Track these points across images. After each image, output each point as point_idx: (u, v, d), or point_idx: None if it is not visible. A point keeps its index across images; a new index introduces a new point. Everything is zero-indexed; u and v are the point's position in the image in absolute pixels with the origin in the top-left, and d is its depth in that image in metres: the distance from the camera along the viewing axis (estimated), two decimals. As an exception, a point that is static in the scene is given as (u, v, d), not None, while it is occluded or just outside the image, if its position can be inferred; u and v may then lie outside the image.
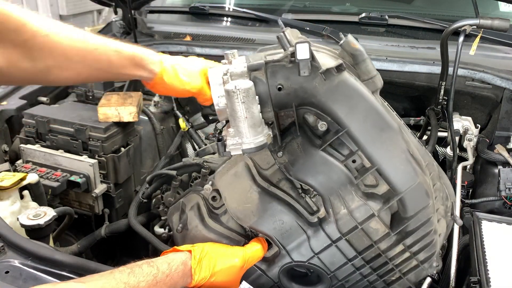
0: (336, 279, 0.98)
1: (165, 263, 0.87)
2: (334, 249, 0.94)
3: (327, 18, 2.03)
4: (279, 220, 0.95)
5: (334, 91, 0.85)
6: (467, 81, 1.53)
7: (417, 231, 0.91)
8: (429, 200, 0.89)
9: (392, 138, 0.86)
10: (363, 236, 0.92)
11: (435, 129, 1.46)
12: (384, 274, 0.97)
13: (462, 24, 1.30)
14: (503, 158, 1.35)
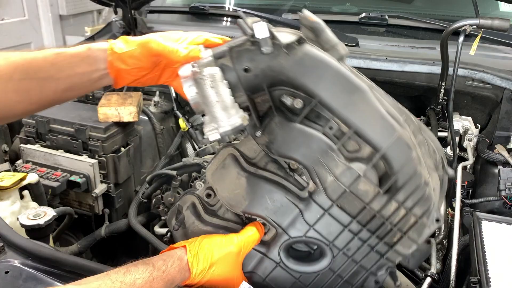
0: (336, 249, 0.97)
1: (160, 260, 0.87)
2: (328, 218, 0.94)
3: (327, 18, 2.02)
4: (270, 199, 0.95)
5: (299, 64, 0.88)
6: (467, 81, 1.53)
7: (407, 185, 0.91)
8: (412, 152, 0.89)
9: (363, 99, 0.88)
10: (354, 199, 0.92)
11: (435, 129, 1.46)
12: (384, 235, 0.96)
13: (462, 24, 1.30)
14: (503, 158, 1.35)
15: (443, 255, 1.36)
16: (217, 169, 1.00)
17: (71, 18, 4.98)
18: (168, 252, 0.91)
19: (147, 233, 1.49)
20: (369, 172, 0.91)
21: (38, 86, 0.88)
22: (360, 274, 1.00)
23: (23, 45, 4.48)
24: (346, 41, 1.80)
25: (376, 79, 1.66)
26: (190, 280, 0.90)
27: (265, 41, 0.86)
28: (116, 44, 0.93)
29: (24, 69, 0.86)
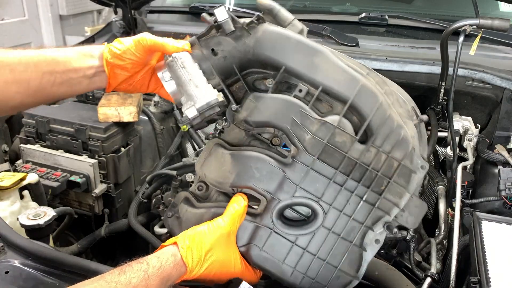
0: (326, 204, 0.99)
1: (154, 258, 0.87)
2: (313, 174, 0.98)
3: (327, 18, 2.03)
4: (255, 169, 0.99)
5: (261, 40, 0.99)
6: (467, 81, 1.53)
7: (381, 129, 0.96)
8: (379, 97, 0.96)
9: (324, 59, 0.97)
10: (334, 152, 0.97)
11: (435, 129, 1.46)
12: (370, 183, 0.98)
13: (462, 24, 1.30)
14: (503, 158, 1.35)
15: (443, 255, 1.36)
16: (205, 160, 1.04)
17: (71, 18, 4.98)
18: (162, 250, 0.92)
19: (147, 233, 1.49)
20: (343, 123, 0.97)
21: (38, 78, 0.93)
22: (356, 230, 1.00)
23: (23, 45, 4.48)
24: (346, 41, 1.80)
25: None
26: (188, 273, 0.90)
27: (226, 23, 1.01)
28: (112, 43, 0.99)
29: (27, 62, 0.92)
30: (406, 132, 0.98)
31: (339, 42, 1.80)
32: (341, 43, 1.80)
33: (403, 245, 1.35)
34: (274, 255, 0.99)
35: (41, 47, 0.96)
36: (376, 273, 1.19)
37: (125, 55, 0.97)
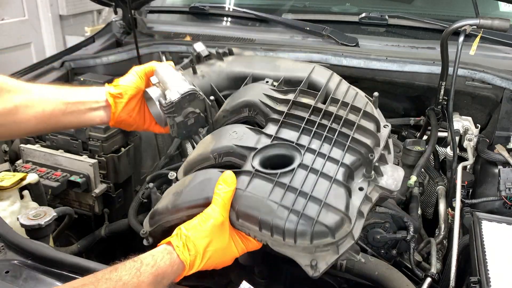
0: (302, 147, 1.02)
1: (149, 256, 0.86)
2: (287, 126, 1.09)
3: (327, 18, 2.03)
4: (233, 132, 1.09)
5: (233, 61, 1.32)
6: (467, 81, 1.53)
7: (338, 90, 1.19)
8: (330, 71, 1.27)
9: (281, 60, 1.35)
10: (301, 106, 1.13)
11: (435, 129, 1.46)
12: (338, 127, 1.06)
13: (462, 24, 1.30)
14: (503, 158, 1.35)
15: (443, 255, 1.36)
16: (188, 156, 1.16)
17: (71, 18, 4.97)
18: (157, 248, 0.91)
19: (147, 233, 1.49)
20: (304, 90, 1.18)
21: (51, 105, 1.10)
22: (335, 168, 0.98)
23: (23, 45, 4.48)
24: (346, 41, 1.80)
25: (376, 79, 1.66)
26: (188, 270, 0.89)
27: (203, 52, 1.30)
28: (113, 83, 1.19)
29: (44, 88, 1.12)
30: (360, 91, 1.20)
31: (339, 42, 1.80)
32: (341, 43, 1.80)
33: (403, 245, 1.35)
34: (257, 193, 0.94)
35: (57, 87, 1.14)
36: (376, 273, 1.19)
37: (121, 83, 1.16)
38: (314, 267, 0.92)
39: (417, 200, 1.46)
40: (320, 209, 0.91)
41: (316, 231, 0.90)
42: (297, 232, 0.90)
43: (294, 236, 0.91)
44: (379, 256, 1.34)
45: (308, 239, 0.90)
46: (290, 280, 1.54)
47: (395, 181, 1.02)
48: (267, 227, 0.93)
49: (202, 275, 1.63)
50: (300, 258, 0.93)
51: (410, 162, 1.32)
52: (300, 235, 0.90)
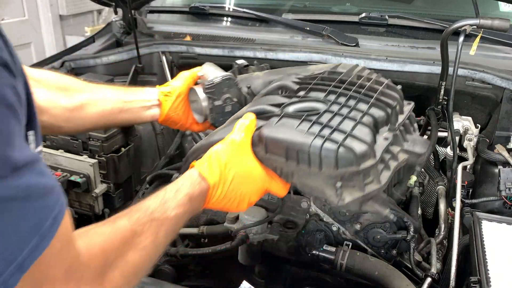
0: (329, 101, 1.07)
1: (172, 184, 0.89)
2: (313, 90, 1.13)
3: (327, 18, 2.03)
4: (266, 100, 1.16)
5: (269, 71, 1.36)
6: (467, 81, 1.53)
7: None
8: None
9: (314, 65, 1.37)
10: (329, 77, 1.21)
11: (435, 129, 1.46)
12: (361, 91, 1.09)
13: (462, 24, 1.30)
14: (503, 158, 1.35)
15: (443, 255, 1.36)
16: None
17: (71, 18, 4.97)
18: (180, 177, 0.93)
19: (147, 233, 1.49)
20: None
21: (111, 102, 1.25)
22: (360, 115, 1.02)
23: (23, 45, 4.48)
24: (346, 41, 1.80)
25: (376, 79, 1.67)
26: (211, 192, 0.91)
27: (242, 63, 1.41)
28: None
29: (105, 87, 1.29)
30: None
31: (339, 42, 1.81)
32: (341, 43, 1.80)
33: (403, 245, 1.35)
34: (285, 125, 0.98)
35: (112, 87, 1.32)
36: (376, 272, 1.19)
37: (171, 84, 1.33)
38: (339, 195, 0.90)
39: (417, 200, 1.46)
40: (345, 136, 0.92)
41: (341, 155, 0.89)
42: (322, 155, 0.89)
43: (319, 161, 0.90)
44: (379, 256, 1.34)
45: (333, 164, 0.89)
46: (290, 280, 1.55)
47: (422, 146, 1.05)
48: (293, 155, 0.93)
49: (202, 275, 1.63)
50: (324, 188, 0.91)
51: (410, 162, 1.32)
52: (325, 158, 0.89)
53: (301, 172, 0.93)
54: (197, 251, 1.42)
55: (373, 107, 1.03)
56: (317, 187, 0.93)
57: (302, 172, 0.93)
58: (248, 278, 1.48)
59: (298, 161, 0.93)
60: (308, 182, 0.94)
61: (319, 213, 1.38)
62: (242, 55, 1.77)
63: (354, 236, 1.36)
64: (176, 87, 1.31)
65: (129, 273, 0.73)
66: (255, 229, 1.34)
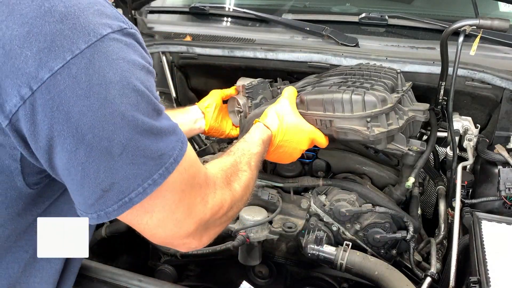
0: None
1: (246, 135, 1.15)
2: (331, 74, 1.44)
3: (327, 18, 2.03)
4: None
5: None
6: (467, 81, 1.53)
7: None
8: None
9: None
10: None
11: (434, 129, 1.46)
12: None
13: (462, 25, 1.30)
14: (503, 158, 1.35)
15: (443, 255, 1.36)
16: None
17: (71, 18, 4.97)
18: (250, 130, 1.18)
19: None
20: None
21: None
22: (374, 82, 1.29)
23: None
24: (346, 41, 1.80)
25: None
26: (273, 137, 1.18)
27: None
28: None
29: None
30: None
31: (339, 42, 1.81)
32: (341, 43, 1.80)
33: (403, 245, 1.35)
34: (319, 89, 1.27)
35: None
36: (376, 272, 1.19)
37: (207, 100, 1.55)
38: (369, 128, 1.17)
39: (417, 200, 1.47)
40: (367, 89, 1.20)
41: (367, 99, 1.18)
42: (353, 101, 1.18)
43: (351, 106, 1.19)
44: (379, 256, 1.34)
45: (361, 107, 1.18)
46: (290, 280, 1.55)
47: (423, 106, 1.35)
48: (330, 107, 1.21)
49: (202, 275, 1.63)
50: (357, 126, 1.19)
51: (410, 162, 1.32)
52: (355, 103, 1.18)
53: (337, 117, 1.21)
54: (197, 251, 1.43)
55: (383, 78, 1.30)
56: (351, 127, 1.20)
57: (337, 117, 1.21)
58: (248, 278, 1.48)
59: (334, 110, 1.21)
60: (343, 124, 1.21)
61: (319, 213, 1.38)
62: (242, 55, 1.77)
63: (354, 236, 1.37)
64: (213, 99, 1.53)
65: (243, 186, 0.95)
66: (255, 229, 1.35)
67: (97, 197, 0.66)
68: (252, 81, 1.52)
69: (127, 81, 0.65)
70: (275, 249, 1.49)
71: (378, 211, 1.30)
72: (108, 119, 0.63)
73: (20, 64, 0.59)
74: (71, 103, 0.61)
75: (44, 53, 0.60)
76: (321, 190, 1.41)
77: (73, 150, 0.63)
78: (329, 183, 1.39)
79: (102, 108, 0.62)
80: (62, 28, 0.61)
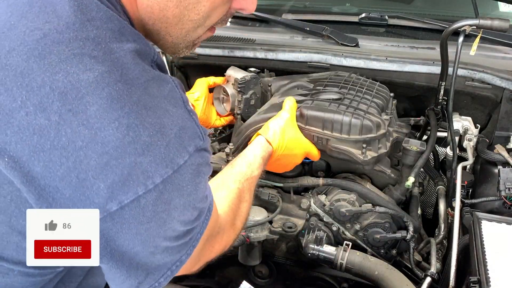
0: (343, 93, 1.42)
1: (249, 150, 1.18)
2: (329, 84, 1.48)
3: (327, 18, 2.03)
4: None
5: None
6: (466, 81, 1.53)
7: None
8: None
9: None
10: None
11: (434, 129, 1.46)
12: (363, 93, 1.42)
13: (462, 25, 1.30)
14: (503, 158, 1.35)
15: (443, 254, 1.36)
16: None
17: (71, 18, 4.98)
18: (252, 142, 1.22)
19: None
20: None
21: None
22: (369, 102, 1.37)
23: (23, 45, 4.47)
24: (346, 41, 1.80)
25: (376, 79, 1.67)
26: (274, 152, 1.21)
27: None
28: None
29: None
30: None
31: (339, 42, 1.81)
32: (341, 43, 1.80)
33: (403, 245, 1.35)
34: (320, 105, 1.31)
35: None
36: (376, 272, 1.19)
37: (194, 91, 1.56)
38: (364, 154, 1.24)
39: (417, 200, 1.47)
40: (366, 110, 1.29)
41: (365, 124, 1.24)
42: (351, 124, 1.24)
43: (349, 129, 1.25)
44: (379, 256, 1.34)
45: (359, 131, 1.24)
46: (290, 280, 1.55)
47: (406, 127, 1.46)
48: (329, 126, 1.27)
49: (202, 275, 1.63)
50: (351, 149, 1.25)
51: (410, 162, 1.32)
52: (353, 127, 1.24)
53: (334, 137, 1.27)
54: (197, 251, 1.43)
55: (375, 97, 1.37)
56: (346, 149, 1.26)
57: (334, 138, 1.27)
58: (248, 278, 1.49)
59: (332, 129, 1.27)
60: (339, 145, 1.27)
61: (319, 213, 1.38)
62: (242, 55, 1.77)
63: (354, 236, 1.37)
64: (202, 91, 1.53)
65: (243, 219, 0.99)
66: (255, 229, 1.35)
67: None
68: (245, 76, 1.53)
69: (190, 204, 0.67)
70: (275, 249, 1.49)
71: (378, 211, 1.30)
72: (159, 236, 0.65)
73: (91, 194, 0.57)
74: (131, 228, 0.61)
75: (118, 187, 0.57)
76: (321, 190, 1.41)
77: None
78: (329, 183, 1.39)
79: (159, 228, 0.63)
80: (141, 162, 0.58)
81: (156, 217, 0.62)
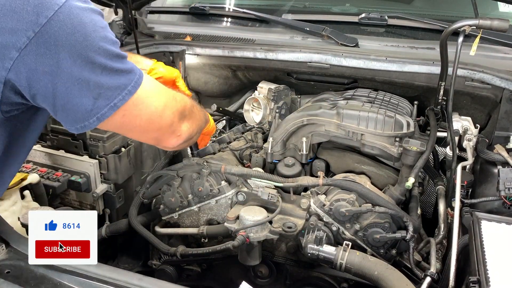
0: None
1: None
2: (352, 98, 1.61)
3: (327, 18, 2.03)
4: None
5: None
6: (466, 81, 1.53)
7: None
8: None
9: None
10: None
11: (434, 129, 1.46)
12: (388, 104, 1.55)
13: (462, 25, 1.30)
14: (503, 158, 1.36)
15: (443, 254, 1.36)
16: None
17: (71, 18, 4.97)
18: None
19: (147, 233, 1.49)
20: None
21: None
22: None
23: (24, 45, 4.47)
24: (346, 42, 1.80)
25: (376, 79, 1.67)
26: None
27: None
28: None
29: None
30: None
31: (339, 42, 1.81)
32: (341, 43, 1.80)
33: (403, 245, 1.35)
34: (354, 105, 1.49)
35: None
36: (376, 272, 1.19)
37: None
38: (396, 147, 1.36)
39: (417, 200, 1.47)
40: (396, 112, 1.44)
41: (396, 121, 1.39)
42: (385, 121, 1.39)
43: (382, 125, 1.39)
44: (379, 255, 1.34)
45: (392, 127, 1.39)
46: (290, 280, 1.55)
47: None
48: (364, 122, 1.41)
49: (202, 275, 1.63)
50: (385, 143, 1.39)
51: (410, 162, 1.32)
52: (386, 123, 1.39)
53: (369, 133, 1.40)
54: (197, 251, 1.43)
55: (399, 105, 1.54)
56: (380, 143, 1.39)
57: (369, 133, 1.40)
58: (248, 278, 1.48)
59: (367, 125, 1.41)
60: (373, 140, 1.40)
61: (319, 213, 1.38)
62: (242, 55, 1.77)
63: (353, 236, 1.37)
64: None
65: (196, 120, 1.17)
66: (255, 229, 1.35)
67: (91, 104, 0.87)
68: (279, 86, 1.70)
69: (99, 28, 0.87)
70: (275, 249, 1.49)
71: (377, 211, 1.30)
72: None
73: (24, 15, 0.79)
74: (63, 39, 0.81)
75: (40, 7, 0.79)
76: (321, 190, 1.42)
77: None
78: (329, 183, 1.39)
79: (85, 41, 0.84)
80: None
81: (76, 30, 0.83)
